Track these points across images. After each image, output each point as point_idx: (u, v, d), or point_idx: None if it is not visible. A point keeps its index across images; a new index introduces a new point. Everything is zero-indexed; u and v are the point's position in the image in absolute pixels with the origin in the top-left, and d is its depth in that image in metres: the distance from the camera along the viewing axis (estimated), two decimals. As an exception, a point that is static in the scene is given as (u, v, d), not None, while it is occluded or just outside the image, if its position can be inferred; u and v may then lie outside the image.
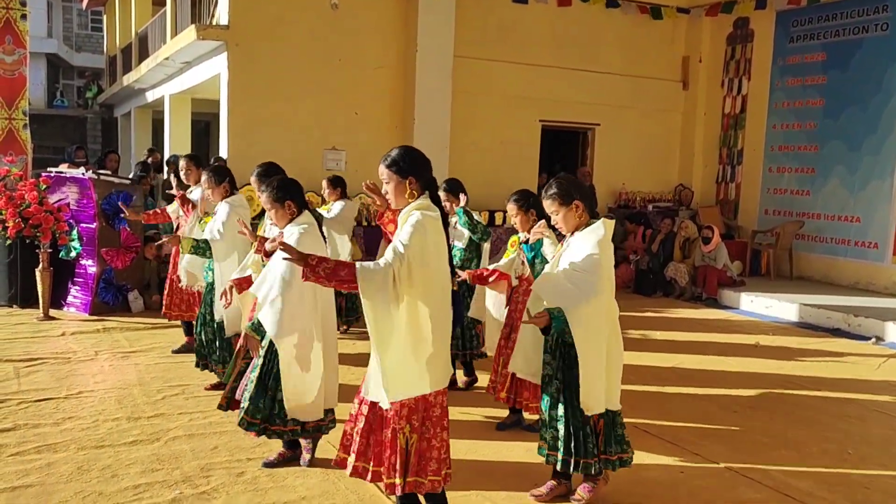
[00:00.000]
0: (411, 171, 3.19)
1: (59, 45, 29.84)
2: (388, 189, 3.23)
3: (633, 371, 6.35)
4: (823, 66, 11.13)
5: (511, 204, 4.57)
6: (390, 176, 3.21)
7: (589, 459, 3.65)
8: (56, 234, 7.56)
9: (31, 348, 6.42)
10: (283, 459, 4.14)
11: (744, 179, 12.41)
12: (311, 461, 4.12)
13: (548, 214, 3.83)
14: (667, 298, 10.27)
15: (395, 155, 3.23)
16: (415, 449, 3.17)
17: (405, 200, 3.21)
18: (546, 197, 3.71)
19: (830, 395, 5.99)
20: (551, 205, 3.69)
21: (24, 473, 3.90)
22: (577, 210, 3.65)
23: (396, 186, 3.20)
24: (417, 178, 3.19)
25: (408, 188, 3.18)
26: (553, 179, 3.78)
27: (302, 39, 10.22)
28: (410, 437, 3.17)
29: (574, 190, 3.67)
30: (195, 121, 16.00)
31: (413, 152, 3.27)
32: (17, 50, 8.55)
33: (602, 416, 3.67)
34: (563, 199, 3.65)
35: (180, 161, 6.60)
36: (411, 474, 3.17)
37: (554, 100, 12.01)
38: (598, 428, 3.68)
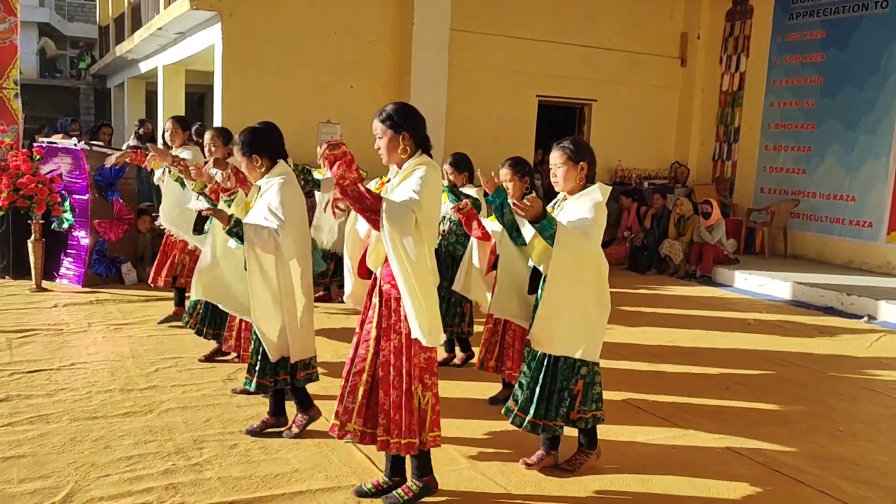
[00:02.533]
0: (406, 126, 3.17)
1: (51, 14, 29.45)
2: (380, 144, 3.23)
3: (625, 347, 6.39)
4: (822, 44, 11.06)
5: (505, 168, 4.53)
6: (384, 131, 3.20)
7: (558, 422, 3.68)
8: (50, 205, 7.50)
9: (24, 320, 6.40)
10: (266, 426, 4.16)
11: (740, 157, 12.38)
12: (297, 436, 4.12)
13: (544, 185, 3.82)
14: (661, 276, 10.28)
15: (390, 109, 3.22)
16: (430, 406, 3.26)
17: (397, 156, 3.21)
18: (557, 148, 3.67)
19: (822, 373, 6.02)
20: (560, 156, 3.65)
21: (17, 444, 3.90)
22: (581, 171, 3.63)
23: (390, 141, 3.19)
24: (412, 134, 3.18)
25: (401, 143, 3.18)
26: (568, 136, 3.78)
27: (297, 11, 10.09)
28: (423, 395, 3.24)
29: (585, 151, 3.67)
30: (189, 92, 15.85)
31: (408, 107, 3.26)
32: (7, 18, 8.42)
33: (582, 378, 3.67)
34: (573, 155, 3.63)
35: (167, 123, 6.54)
36: (428, 431, 3.28)
37: (551, 75, 11.92)
38: (575, 390, 3.68)
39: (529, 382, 3.70)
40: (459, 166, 5.46)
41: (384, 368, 3.25)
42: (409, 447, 3.27)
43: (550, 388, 3.67)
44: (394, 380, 3.23)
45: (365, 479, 3.60)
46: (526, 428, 3.71)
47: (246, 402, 4.62)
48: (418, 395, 3.23)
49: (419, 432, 3.27)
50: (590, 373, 3.72)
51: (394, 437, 3.25)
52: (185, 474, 3.64)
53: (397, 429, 3.24)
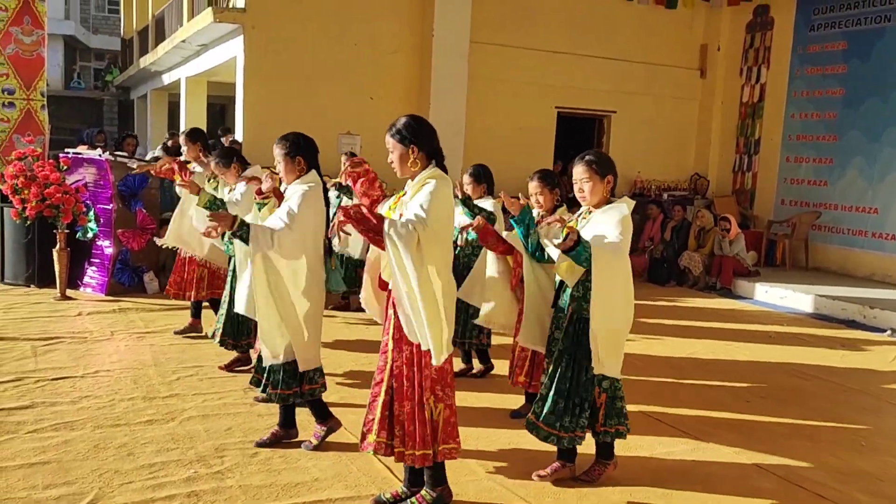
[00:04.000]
0: (415, 139, 3.20)
1: (76, 27, 29.95)
2: (392, 157, 3.27)
3: (645, 360, 6.36)
4: (844, 56, 11.00)
5: (535, 181, 4.48)
6: (394, 144, 3.24)
7: (578, 432, 3.68)
8: (76, 214, 7.62)
9: (49, 327, 6.49)
10: (276, 439, 4.17)
11: (760, 169, 12.31)
12: (317, 447, 4.12)
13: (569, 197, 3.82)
14: (680, 287, 10.23)
15: (399, 123, 3.25)
16: (442, 418, 3.28)
17: (409, 169, 3.24)
18: (583, 163, 3.66)
19: (844, 387, 5.96)
20: (585, 171, 3.64)
21: (42, 450, 3.95)
22: (607, 185, 3.64)
23: (401, 155, 3.23)
24: (421, 147, 3.21)
25: (411, 156, 3.21)
26: (592, 150, 3.78)
27: (318, 23, 10.21)
28: (436, 407, 3.26)
29: (611, 165, 3.68)
30: (211, 103, 16.04)
31: (419, 121, 3.28)
32: (35, 31, 8.59)
33: (605, 391, 3.68)
34: (600, 169, 3.63)
35: (179, 137, 6.60)
36: (440, 443, 3.28)
37: (570, 86, 11.95)
38: (598, 402, 3.68)
39: (553, 395, 3.69)
40: (478, 178, 5.45)
41: (398, 379, 3.28)
42: (423, 459, 3.28)
43: (574, 400, 3.67)
44: (406, 391, 3.25)
45: (384, 488, 3.62)
46: (551, 441, 3.71)
47: (267, 411, 4.66)
48: (430, 406, 3.24)
49: (432, 444, 3.28)
50: (612, 386, 3.72)
51: (408, 449, 3.27)
52: (206, 482, 3.68)
53: (412, 440, 3.25)
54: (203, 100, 14.77)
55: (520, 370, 4.58)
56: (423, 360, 3.22)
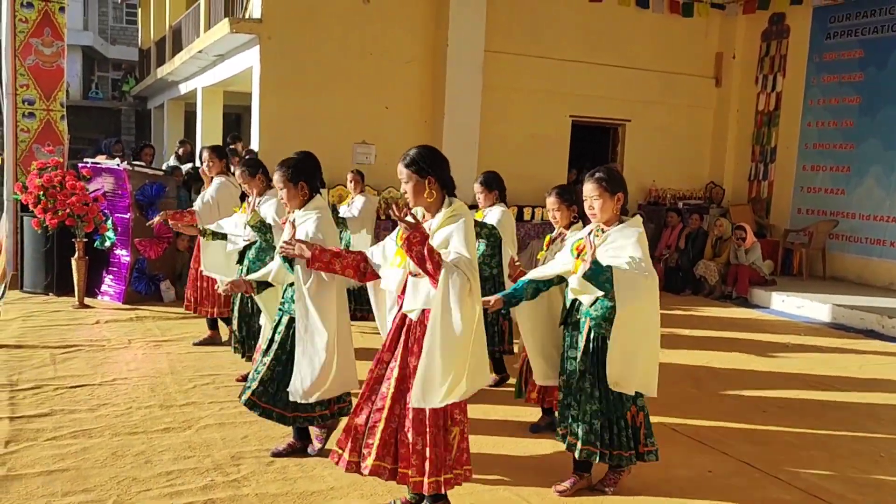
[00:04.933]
0: (431, 170, 3.21)
1: (94, 37, 30.33)
2: (406, 188, 3.26)
3: (661, 369, 6.30)
4: (861, 63, 10.94)
5: (553, 197, 4.47)
6: (409, 175, 3.24)
7: (624, 452, 3.68)
8: (97, 223, 7.71)
9: (67, 335, 6.55)
10: (293, 450, 4.17)
11: (777, 177, 12.25)
12: (321, 451, 4.13)
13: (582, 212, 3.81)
14: (696, 297, 10.18)
15: (413, 154, 3.25)
16: (457, 442, 3.26)
17: (424, 200, 3.25)
18: (593, 180, 3.65)
19: (862, 397, 5.90)
20: (595, 189, 3.63)
21: (60, 458, 3.99)
22: (618, 203, 3.64)
23: (416, 186, 3.23)
24: (437, 178, 3.22)
25: (427, 188, 3.21)
26: (602, 167, 3.76)
27: (333, 33, 10.27)
28: (451, 430, 3.24)
29: (620, 182, 3.68)
30: (227, 113, 16.17)
31: (432, 151, 3.29)
32: (55, 42, 8.69)
33: (641, 408, 3.68)
34: (609, 186, 3.62)
35: (203, 153, 6.63)
36: (456, 468, 3.26)
37: (584, 95, 11.94)
38: (637, 421, 3.69)
39: (584, 416, 3.66)
40: (489, 185, 5.43)
41: (415, 409, 3.18)
42: (447, 483, 3.21)
43: (609, 418, 3.66)
44: (430, 417, 3.17)
45: (398, 497, 3.62)
46: (596, 460, 3.69)
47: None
48: (452, 431, 3.22)
49: (451, 467, 3.24)
50: (644, 404, 3.73)
51: (429, 477, 3.18)
52: (223, 490, 3.70)
53: (433, 467, 3.17)
54: (219, 109, 14.89)
55: (533, 386, 4.56)
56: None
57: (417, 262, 3.08)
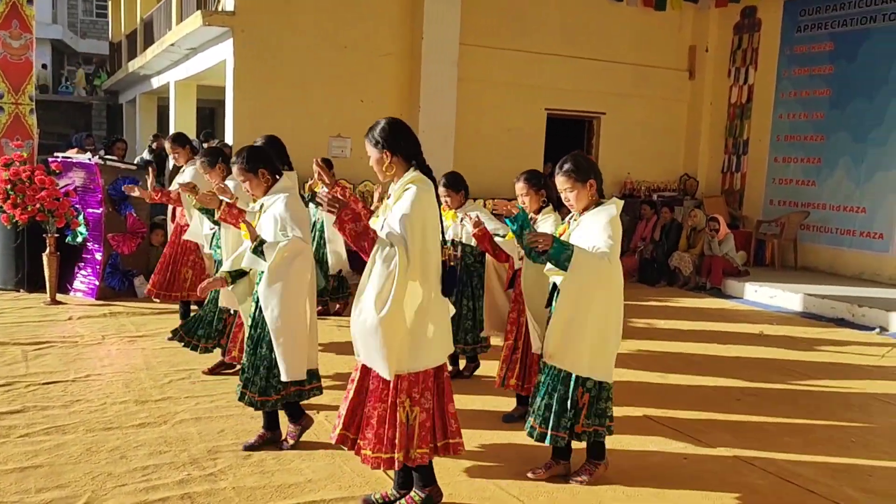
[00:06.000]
0: (385, 143, 3.19)
1: (63, 31, 29.83)
2: (371, 162, 3.27)
3: (636, 359, 6.39)
4: (831, 56, 11.09)
5: (521, 182, 4.49)
6: (370, 149, 3.25)
7: (559, 433, 3.68)
8: (69, 219, 7.60)
9: (39, 332, 6.46)
10: (263, 441, 4.16)
11: (749, 169, 12.38)
12: (294, 447, 4.13)
13: (555, 198, 3.82)
14: (670, 288, 10.28)
15: (376, 128, 3.24)
16: (417, 422, 3.23)
17: (386, 174, 3.25)
18: (562, 173, 3.67)
19: (834, 384, 6.00)
20: (566, 181, 3.65)
21: (34, 454, 3.94)
22: (591, 189, 3.66)
23: (377, 159, 3.23)
24: (395, 152, 3.20)
25: (385, 160, 3.20)
26: (568, 156, 3.73)
27: (308, 26, 10.20)
28: (412, 410, 3.22)
29: (590, 168, 3.69)
30: (200, 107, 16.00)
31: (394, 125, 3.25)
32: (23, 35, 8.54)
33: (588, 391, 3.68)
34: (579, 176, 3.64)
35: (166, 146, 6.56)
36: (416, 447, 3.24)
37: (559, 88, 11.98)
38: (581, 403, 3.69)
39: (542, 393, 3.71)
40: (455, 186, 5.31)
41: (374, 380, 3.24)
42: (389, 462, 3.22)
43: (559, 399, 3.69)
44: (381, 392, 3.21)
45: (377, 489, 3.62)
46: (537, 438, 3.72)
47: (259, 413, 4.64)
48: (406, 408, 3.20)
49: (403, 447, 3.21)
50: (595, 387, 3.72)
51: (374, 452, 3.21)
52: (199, 484, 3.67)
53: (379, 443, 3.20)
54: (192, 103, 14.73)
55: (511, 373, 4.59)
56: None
57: (352, 240, 3.13)
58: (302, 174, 8.19)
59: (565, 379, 3.67)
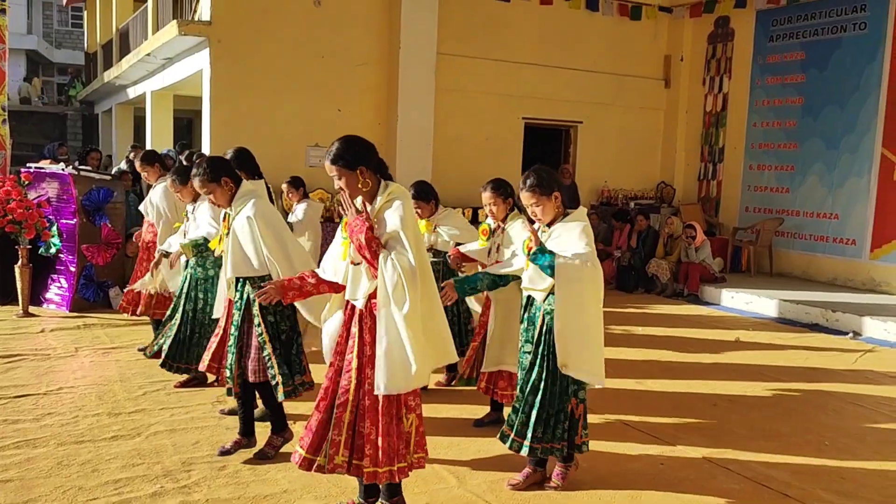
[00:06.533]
0: (358, 160, 3.20)
1: (38, 41, 29.59)
2: (340, 185, 3.23)
3: (614, 365, 6.39)
4: (802, 65, 11.25)
5: (488, 192, 4.49)
6: (340, 171, 3.21)
7: (556, 444, 3.70)
8: (39, 230, 7.50)
9: (10, 345, 6.37)
10: (239, 446, 4.15)
11: (725, 177, 12.51)
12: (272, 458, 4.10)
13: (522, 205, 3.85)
14: (648, 295, 10.34)
15: (337, 149, 3.22)
16: (414, 427, 3.28)
17: (360, 191, 3.24)
18: (526, 189, 3.69)
19: (809, 389, 6.06)
20: (531, 196, 3.68)
21: (3, 468, 3.88)
22: (557, 201, 3.68)
23: (349, 180, 3.21)
24: (367, 166, 3.21)
25: (360, 178, 3.20)
26: (530, 171, 3.75)
27: (285, 35, 10.19)
28: (408, 418, 3.25)
29: (552, 180, 3.71)
30: (178, 117, 15.90)
31: (354, 141, 3.25)
32: (-5, 45, 8.47)
33: (582, 401, 3.72)
34: (543, 190, 3.66)
35: (135, 163, 6.45)
36: (413, 453, 3.28)
37: (537, 97, 12.05)
38: (577, 413, 3.72)
39: (525, 407, 3.71)
40: (425, 197, 5.30)
41: (370, 397, 3.19)
42: (401, 472, 3.21)
43: (548, 411, 3.69)
44: (383, 406, 3.16)
45: (354, 497, 3.59)
46: (524, 452, 3.72)
47: (234, 423, 4.58)
48: (407, 419, 3.22)
49: (406, 456, 3.24)
50: (584, 395, 3.75)
51: (382, 467, 3.16)
52: (173, 496, 3.63)
53: (386, 457, 3.16)
54: (169, 114, 14.64)
55: (482, 375, 4.59)
56: None
57: (358, 249, 3.13)
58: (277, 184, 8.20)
59: (551, 389, 3.67)
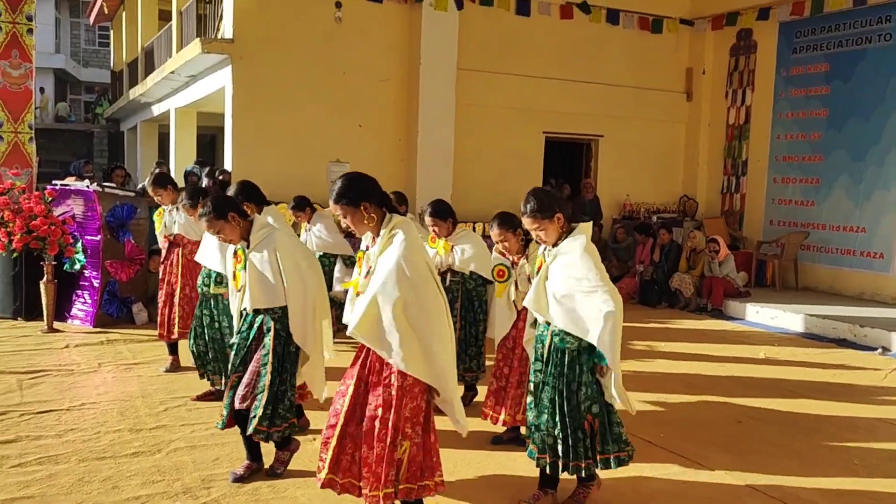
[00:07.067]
0: (361, 197, 3.22)
1: (66, 60, 30.11)
2: (346, 222, 3.28)
3: (637, 381, 6.34)
4: (827, 77, 11.13)
5: (496, 229, 4.43)
6: (344, 209, 3.24)
7: (581, 462, 3.64)
8: (62, 246, 7.60)
9: (35, 360, 6.43)
10: (251, 471, 4.11)
11: (748, 190, 12.39)
12: (282, 473, 4.09)
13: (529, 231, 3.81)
14: (671, 309, 10.23)
15: (339, 188, 3.25)
16: (407, 456, 3.21)
17: (366, 227, 3.27)
18: (528, 215, 3.64)
19: (837, 406, 5.94)
20: (533, 222, 3.63)
21: (26, 485, 3.90)
22: (560, 221, 3.62)
23: (354, 217, 3.24)
24: (370, 201, 3.23)
25: (365, 214, 3.23)
26: (528, 195, 3.68)
27: (306, 52, 10.28)
28: (401, 445, 3.20)
29: (552, 201, 3.64)
30: (202, 134, 16.09)
31: (355, 178, 3.29)
32: (23, 64, 8.62)
33: (597, 416, 3.64)
34: (545, 213, 3.61)
35: (148, 188, 6.25)
36: (402, 482, 3.21)
37: (557, 111, 12.03)
38: (594, 429, 3.65)
39: (544, 425, 3.66)
40: (441, 215, 5.22)
41: (370, 422, 3.20)
42: (387, 498, 3.18)
43: (566, 430, 3.63)
44: (380, 433, 3.17)
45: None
46: (551, 469, 3.66)
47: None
48: (400, 445, 3.18)
49: (394, 483, 3.19)
50: (603, 412, 3.68)
51: (372, 490, 3.18)
52: (192, 514, 3.63)
53: (377, 481, 3.17)
54: (193, 131, 14.82)
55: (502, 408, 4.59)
56: (403, 399, 3.17)
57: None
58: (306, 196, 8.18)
59: (561, 408, 3.62)
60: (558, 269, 3.58)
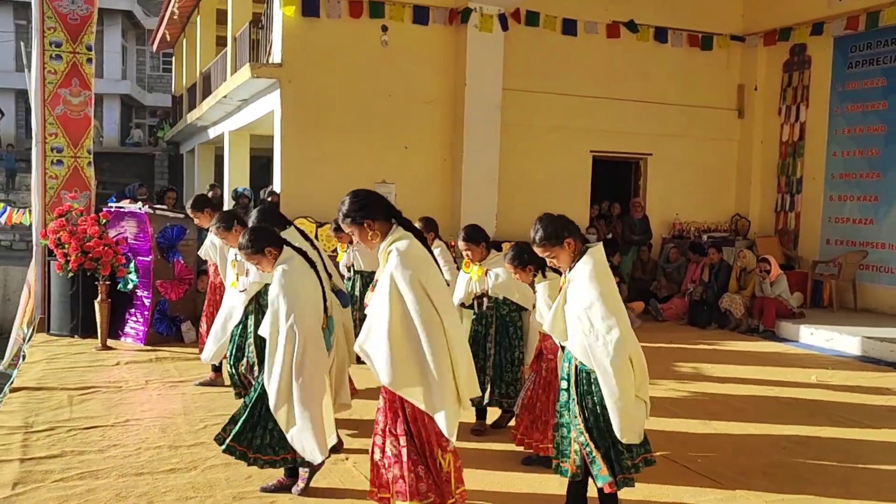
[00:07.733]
0: (363, 214, 3.32)
1: (132, 86, 31.26)
2: (356, 239, 3.40)
3: (680, 405, 6.21)
4: (884, 92, 10.81)
5: (507, 264, 4.50)
6: (350, 227, 3.37)
7: (628, 475, 3.56)
8: (115, 266, 7.85)
9: (87, 377, 6.65)
10: (281, 486, 4.17)
11: (803, 208, 12.06)
12: (304, 491, 4.12)
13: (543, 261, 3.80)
14: (721, 330, 9.99)
15: (344, 207, 3.36)
16: (453, 466, 3.37)
17: (372, 243, 3.36)
18: (537, 245, 3.62)
19: (889, 433, 5.70)
20: (543, 250, 3.62)
21: (65, 499, 4.02)
22: (570, 246, 3.59)
23: (360, 233, 3.35)
24: (373, 218, 3.32)
25: (369, 231, 3.33)
26: (536, 223, 3.65)
27: (353, 75, 10.46)
28: (444, 458, 3.37)
29: (561, 227, 3.60)
30: (257, 156, 16.47)
31: (357, 195, 3.38)
32: (82, 92, 8.97)
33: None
34: (553, 241, 3.58)
35: (188, 210, 6.32)
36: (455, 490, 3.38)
37: (605, 130, 11.95)
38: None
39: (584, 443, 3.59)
40: (474, 239, 5.15)
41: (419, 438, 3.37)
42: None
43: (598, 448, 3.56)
44: (407, 446, 3.29)
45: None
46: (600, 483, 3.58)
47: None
48: (439, 458, 3.30)
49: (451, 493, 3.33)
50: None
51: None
52: (221, 531, 3.69)
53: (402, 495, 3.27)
54: (246, 153, 15.19)
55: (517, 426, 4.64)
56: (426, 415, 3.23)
57: None
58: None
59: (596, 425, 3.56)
60: (572, 295, 3.55)
